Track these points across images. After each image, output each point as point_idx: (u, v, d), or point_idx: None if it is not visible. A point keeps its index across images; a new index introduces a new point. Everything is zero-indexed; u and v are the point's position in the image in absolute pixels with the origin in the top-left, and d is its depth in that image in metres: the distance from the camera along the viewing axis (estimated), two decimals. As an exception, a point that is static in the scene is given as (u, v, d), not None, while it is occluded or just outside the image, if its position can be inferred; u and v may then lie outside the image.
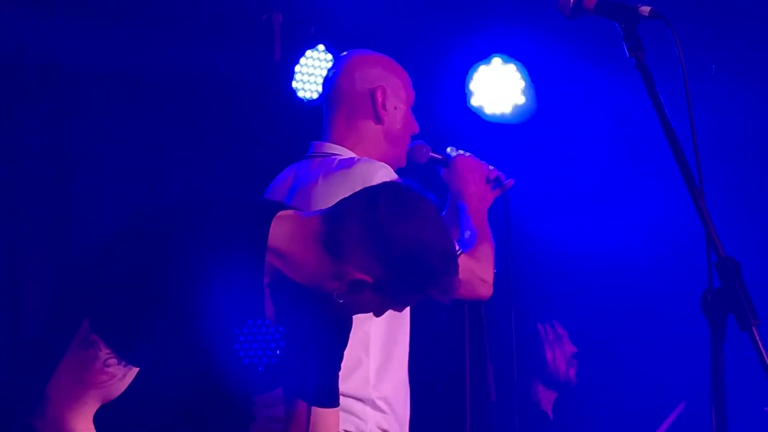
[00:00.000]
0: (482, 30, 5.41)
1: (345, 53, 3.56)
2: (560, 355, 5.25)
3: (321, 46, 5.17)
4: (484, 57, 5.41)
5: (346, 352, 2.72)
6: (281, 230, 2.40)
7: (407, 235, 2.35)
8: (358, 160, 3.28)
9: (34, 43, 4.61)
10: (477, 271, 3.33)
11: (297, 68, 5.15)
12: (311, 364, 2.55)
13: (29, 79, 4.69)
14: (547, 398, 5.27)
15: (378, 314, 2.50)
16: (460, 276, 3.04)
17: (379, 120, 3.43)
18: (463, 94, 5.42)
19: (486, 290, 3.37)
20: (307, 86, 5.13)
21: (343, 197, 2.49)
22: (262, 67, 5.12)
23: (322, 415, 2.66)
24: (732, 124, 5.33)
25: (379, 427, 3.24)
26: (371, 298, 2.39)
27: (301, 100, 5.13)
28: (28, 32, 4.59)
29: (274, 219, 2.42)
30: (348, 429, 3.16)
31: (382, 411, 3.24)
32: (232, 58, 5.06)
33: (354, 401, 3.18)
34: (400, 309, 2.49)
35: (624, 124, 5.40)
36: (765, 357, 1.98)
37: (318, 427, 2.65)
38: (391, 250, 2.35)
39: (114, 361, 2.36)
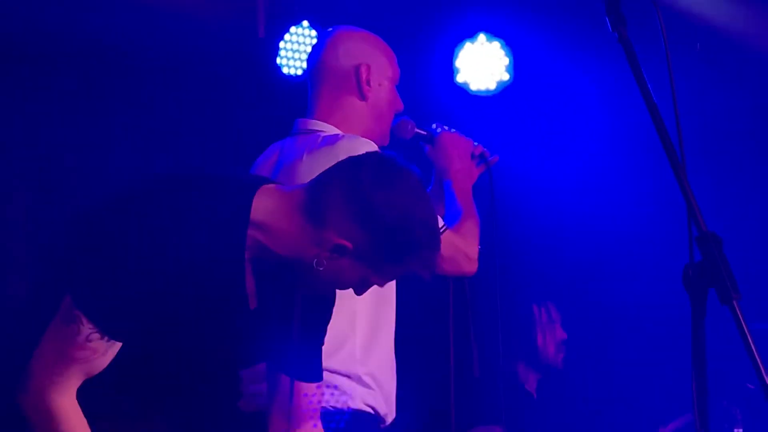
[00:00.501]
0: (468, 7, 5.40)
1: (330, 29, 3.55)
2: (550, 339, 5.26)
3: (305, 22, 5.16)
4: (469, 34, 5.41)
5: (332, 328, 2.72)
6: (264, 204, 2.40)
7: (389, 202, 2.35)
8: (342, 136, 3.27)
9: (11, 13, 4.58)
10: (461, 246, 3.32)
11: (281, 44, 5.14)
12: (294, 339, 2.55)
13: (9, 53, 4.66)
14: (531, 379, 5.28)
15: (359, 290, 2.48)
16: (445, 252, 3.04)
17: (363, 96, 3.42)
18: (449, 70, 5.42)
19: (470, 266, 3.36)
20: (291, 62, 5.13)
21: None
22: (246, 43, 5.11)
23: (305, 388, 2.65)
24: (716, 100, 5.33)
25: (365, 403, 3.24)
26: (351, 267, 2.38)
27: (285, 76, 5.12)
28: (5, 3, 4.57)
29: (257, 193, 2.42)
30: (334, 405, 3.16)
31: (368, 387, 3.24)
32: (215, 34, 5.04)
33: (341, 377, 3.18)
34: (380, 282, 2.46)
35: (607, 100, 5.41)
36: (746, 332, 1.98)
37: (301, 400, 2.64)
38: (372, 215, 2.34)
39: (96, 336, 2.36)
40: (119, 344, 2.40)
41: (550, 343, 5.26)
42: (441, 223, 3.26)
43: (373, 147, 3.22)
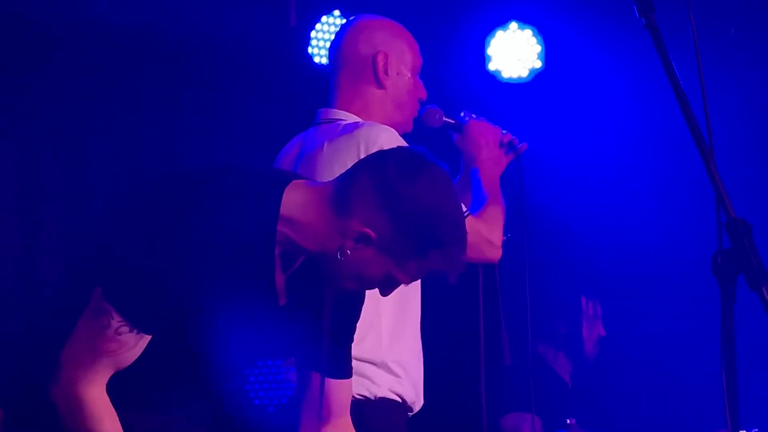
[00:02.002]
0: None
1: (351, 18, 3.55)
2: (594, 333, 5.25)
3: (337, 12, 5.18)
4: (501, 22, 5.40)
5: None
6: (293, 198, 2.39)
7: (414, 193, 2.33)
8: (362, 124, 3.27)
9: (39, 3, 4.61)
10: (484, 232, 3.30)
11: (313, 34, 5.15)
12: (324, 336, 2.54)
13: (45, 39, 4.68)
14: (565, 367, 5.27)
15: (384, 290, 2.45)
16: (468, 238, 3.02)
17: (380, 85, 3.40)
18: (481, 58, 5.42)
19: (494, 253, 3.34)
20: (323, 52, 5.13)
21: (347, 160, 2.48)
22: (278, 33, 5.11)
23: (335, 385, 2.65)
24: (748, 86, 5.29)
25: (392, 391, 3.24)
26: (375, 259, 2.36)
27: (317, 65, 5.13)
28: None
29: (286, 188, 2.42)
30: (361, 393, 3.16)
31: (395, 375, 3.24)
32: (247, 23, 5.05)
33: (367, 365, 3.18)
34: (406, 279, 2.42)
35: (638, 87, 5.38)
36: (776, 318, 1.96)
37: (331, 396, 2.64)
38: (396, 205, 2.32)
39: (126, 329, 2.36)
40: (149, 337, 2.41)
41: (592, 336, 5.25)
42: (464, 209, 3.24)
43: (392, 133, 3.22)
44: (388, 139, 3.17)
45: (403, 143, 3.22)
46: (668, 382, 5.41)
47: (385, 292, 2.46)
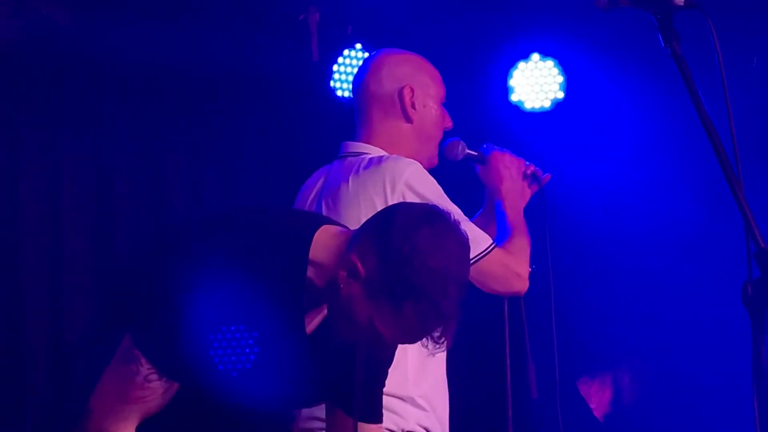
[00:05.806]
0: (521, 28, 5.40)
1: (374, 52, 3.56)
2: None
3: (358, 45, 5.19)
4: (523, 55, 5.41)
5: None
6: (321, 242, 2.37)
7: (408, 240, 2.26)
8: (388, 157, 3.26)
9: (68, 37, 4.61)
10: (511, 265, 3.26)
11: (335, 68, 5.17)
12: (356, 380, 2.49)
13: (71, 77, 4.70)
14: (603, 407, 5.25)
15: (371, 343, 2.36)
16: (495, 270, 2.99)
17: (408, 119, 3.40)
18: (504, 90, 5.42)
19: (521, 285, 3.29)
20: (345, 85, 5.15)
21: (372, 194, 2.45)
22: (300, 66, 5.13)
23: (366, 429, 2.59)
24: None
25: (419, 425, 3.22)
26: (361, 298, 2.29)
27: (339, 98, 5.14)
28: (61, 26, 4.60)
29: (316, 232, 2.40)
30: (389, 428, 3.13)
31: (422, 409, 3.23)
32: (270, 58, 5.07)
33: (394, 399, 3.16)
34: (386, 333, 2.31)
35: (661, 116, 5.36)
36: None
37: None
38: (388, 244, 2.27)
39: (155, 376, 2.36)
40: (177, 385, 2.40)
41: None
42: (490, 241, 3.23)
43: (418, 167, 3.21)
44: (415, 173, 3.16)
45: (429, 177, 3.21)
46: (700, 409, 5.36)
47: (372, 351, 2.39)
